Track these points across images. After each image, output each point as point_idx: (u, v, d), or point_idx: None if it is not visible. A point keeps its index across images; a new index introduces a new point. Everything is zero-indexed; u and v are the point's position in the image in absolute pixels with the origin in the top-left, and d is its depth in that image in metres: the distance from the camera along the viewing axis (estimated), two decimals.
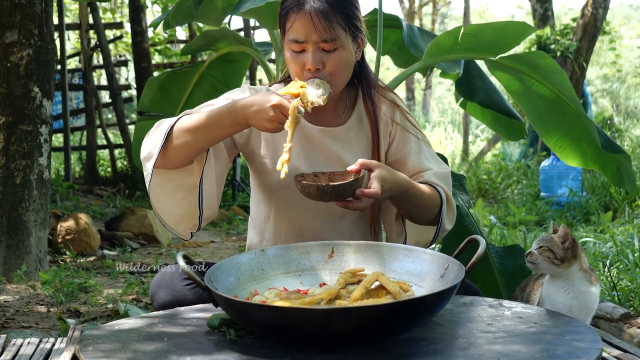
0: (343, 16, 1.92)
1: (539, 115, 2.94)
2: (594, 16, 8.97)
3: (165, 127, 1.90)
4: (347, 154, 2.06)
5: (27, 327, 3.00)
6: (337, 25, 1.91)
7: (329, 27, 1.89)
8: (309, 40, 1.90)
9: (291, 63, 1.96)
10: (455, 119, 15.37)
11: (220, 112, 1.85)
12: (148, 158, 1.93)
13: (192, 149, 1.89)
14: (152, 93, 3.74)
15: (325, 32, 1.89)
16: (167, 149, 1.89)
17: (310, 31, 1.89)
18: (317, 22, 1.88)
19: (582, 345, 1.38)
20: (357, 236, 2.12)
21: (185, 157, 1.92)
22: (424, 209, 2.01)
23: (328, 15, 1.89)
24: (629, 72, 19.05)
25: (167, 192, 1.98)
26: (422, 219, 2.05)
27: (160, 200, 1.99)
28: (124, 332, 1.52)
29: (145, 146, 1.95)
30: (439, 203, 2.02)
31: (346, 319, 1.33)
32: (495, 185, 8.52)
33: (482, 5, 30.30)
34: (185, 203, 1.98)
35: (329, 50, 1.92)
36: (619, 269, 3.52)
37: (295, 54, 1.94)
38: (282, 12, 1.96)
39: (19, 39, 3.88)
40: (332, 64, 1.93)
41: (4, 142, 3.89)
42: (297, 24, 1.90)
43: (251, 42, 3.58)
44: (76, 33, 11.21)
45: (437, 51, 2.93)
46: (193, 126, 1.87)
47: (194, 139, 1.87)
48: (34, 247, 3.95)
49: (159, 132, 1.92)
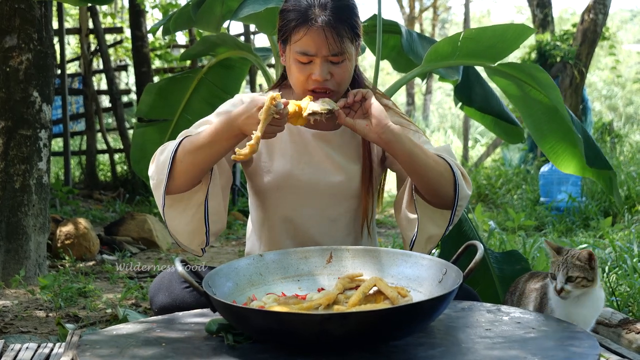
0: (350, 29, 1.93)
1: (536, 121, 2.95)
2: (594, 22, 8.99)
3: (168, 153, 1.91)
4: (340, 157, 2.07)
5: (25, 332, 3.00)
6: (346, 39, 1.92)
7: (339, 42, 1.90)
8: (318, 54, 1.91)
9: (296, 72, 1.96)
10: (455, 124, 15.40)
11: (216, 128, 1.86)
12: (158, 185, 1.94)
13: (198, 170, 1.91)
14: (150, 99, 3.74)
15: (335, 47, 1.90)
16: (173, 173, 1.90)
17: (322, 46, 1.90)
18: (329, 37, 1.89)
19: (580, 351, 1.38)
20: (351, 238, 2.12)
21: (193, 178, 1.93)
22: (435, 172, 1.91)
23: (338, 30, 1.90)
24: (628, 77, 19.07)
25: (179, 212, 1.99)
26: (437, 188, 1.93)
27: (174, 221, 2.00)
28: (122, 337, 1.52)
29: (153, 174, 1.96)
30: (450, 169, 1.94)
31: (344, 324, 1.33)
32: (494, 190, 8.53)
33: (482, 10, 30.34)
34: (195, 219, 1.99)
35: (337, 62, 1.93)
36: (618, 274, 3.52)
37: (302, 64, 1.94)
38: (287, 24, 1.94)
39: (19, 43, 3.88)
40: (339, 75, 1.95)
41: (4, 146, 3.89)
42: (307, 38, 1.90)
43: (250, 47, 3.58)
44: (76, 37, 11.21)
45: (436, 57, 2.93)
46: (194, 147, 1.88)
47: (197, 159, 1.88)
48: (33, 252, 3.95)
49: (163, 159, 1.93)
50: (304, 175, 2.05)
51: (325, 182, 2.06)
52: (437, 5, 19.80)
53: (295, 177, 2.05)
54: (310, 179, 2.05)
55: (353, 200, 2.09)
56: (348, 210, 2.10)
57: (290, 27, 1.93)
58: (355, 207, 2.11)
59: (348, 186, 2.07)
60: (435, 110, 20.83)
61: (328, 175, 2.06)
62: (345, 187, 2.07)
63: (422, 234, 1.99)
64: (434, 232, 2.01)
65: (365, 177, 2.08)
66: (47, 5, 4.02)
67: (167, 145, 1.97)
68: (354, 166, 2.08)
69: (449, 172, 1.93)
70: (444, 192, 1.94)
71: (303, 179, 2.05)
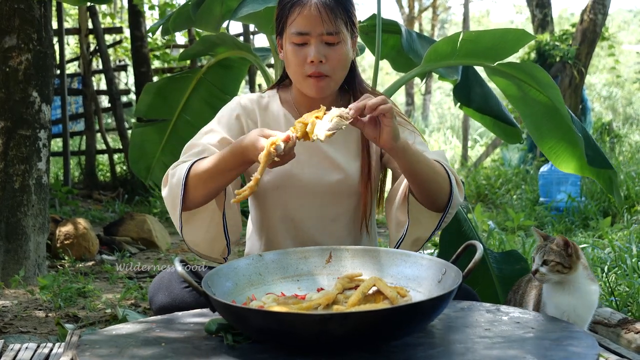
0: (345, 11, 1.96)
1: (535, 121, 2.95)
2: (593, 22, 8.99)
3: (180, 178, 1.92)
4: (339, 155, 2.08)
5: (25, 332, 3.00)
6: (340, 20, 1.95)
7: (334, 20, 1.93)
8: (313, 33, 1.93)
9: (292, 58, 1.97)
10: (455, 124, 15.40)
11: (224, 158, 1.87)
12: (173, 211, 1.96)
13: (212, 192, 1.93)
14: (149, 99, 3.74)
15: (330, 25, 1.92)
16: (187, 198, 1.92)
17: (316, 23, 1.92)
18: (323, 14, 1.92)
19: (579, 351, 1.38)
20: (351, 237, 2.12)
21: (208, 198, 1.95)
22: (434, 182, 1.91)
23: (333, 9, 1.93)
24: (628, 77, 19.08)
25: (196, 225, 2.00)
26: (433, 195, 1.93)
27: (192, 234, 2.01)
28: (122, 337, 1.52)
29: (167, 196, 1.98)
30: (447, 178, 1.94)
31: (343, 324, 1.33)
32: (494, 190, 8.53)
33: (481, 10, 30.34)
34: (213, 224, 2.00)
35: (332, 43, 1.95)
36: (617, 274, 3.52)
37: (297, 47, 1.95)
38: (284, 6, 1.98)
39: (18, 43, 3.88)
40: (334, 58, 1.96)
41: (3, 146, 3.89)
42: (302, 16, 1.93)
43: (250, 47, 3.58)
44: (75, 38, 11.22)
45: (436, 57, 2.93)
46: (206, 175, 1.89)
47: (209, 185, 1.90)
48: (33, 252, 3.95)
49: (175, 182, 1.94)
50: (303, 174, 2.05)
51: (324, 181, 2.06)
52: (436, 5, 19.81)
53: (295, 177, 2.05)
54: (309, 178, 2.05)
55: (353, 198, 2.10)
56: (348, 209, 2.10)
57: (286, 11, 1.97)
58: (355, 205, 2.11)
59: (347, 184, 2.07)
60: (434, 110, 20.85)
61: (327, 173, 2.06)
62: (344, 185, 2.07)
63: (410, 235, 2.01)
64: (421, 235, 2.02)
65: (365, 174, 2.08)
66: (46, 6, 4.02)
67: (177, 167, 1.97)
68: (354, 163, 2.08)
69: (446, 181, 1.94)
70: (439, 198, 1.95)
71: (303, 179, 2.05)
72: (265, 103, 2.13)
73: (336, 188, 2.07)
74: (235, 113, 2.10)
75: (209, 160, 1.90)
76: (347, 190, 2.08)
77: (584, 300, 1.97)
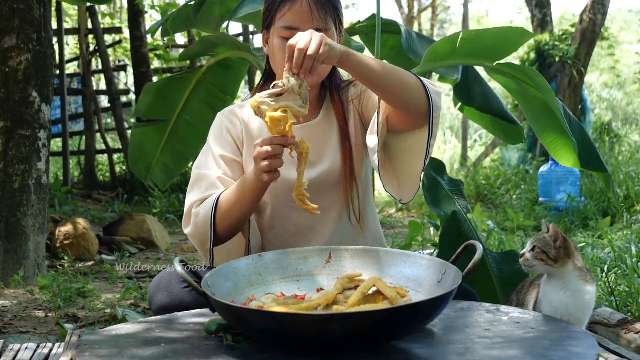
0: (334, 9, 2.00)
1: (537, 115, 2.97)
2: (593, 22, 9.00)
3: (207, 217, 1.97)
4: (323, 146, 2.11)
5: (25, 332, 3.00)
6: (330, 17, 1.98)
7: (324, 16, 1.96)
8: (302, 28, 1.92)
9: (278, 53, 1.99)
10: (454, 124, 15.38)
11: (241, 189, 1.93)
12: (203, 245, 2.03)
13: (241, 221, 1.99)
14: (149, 99, 3.74)
15: (320, 21, 1.96)
16: (217, 231, 1.99)
17: (307, 19, 1.95)
18: (314, 10, 1.95)
19: (579, 351, 1.38)
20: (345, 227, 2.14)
21: (239, 226, 2.02)
22: (395, 74, 1.88)
23: (324, 5, 1.97)
24: (628, 77, 19.08)
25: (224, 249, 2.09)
26: (407, 91, 1.89)
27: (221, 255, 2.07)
28: (121, 338, 1.52)
29: (194, 235, 2.03)
30: (412, 75, 1.91)
31: (343, 324, 1.33)
32: (493, 190, 8.53)
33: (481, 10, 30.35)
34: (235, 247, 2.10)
35: None
36: (617, 274, 3.52)
37: (285, 42, 1.94)
38: (272, 4, 2.00)
39: (18, 43, 3.88)
40: None
41: (3, 146, 3.89)
42: (292, 11, 1.96)
43: (249, 47, 3.58)
44: (75, 38, 11.20)
45: (436, 57, 2.93)
46: (230, 209, 1.95)
47: (236, 215, 1.96)
48: (32, 252, 3.95)
49: (202, 222, 1.99)
50: (290, 174, 2.03)
51: (312, 175, 2.06)
52: (436, 5, 19.80)
53: (283, 176, 2.04)
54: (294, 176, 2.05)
55: (339, 187, 2.12)
56: (337, 200, 2.12)
57: (276, 5, 1.99)
58: (344, 195, 2.13)
59: (332, 174, 2.10)
60: None
61: (313, 167, 2.08)
62: (329, 175, 2.10)
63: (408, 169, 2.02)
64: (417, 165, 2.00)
65: (346, 164, 2.10)
66: (46, 6, 4.02)
67: (200, 206, 2.01)
68: (336, 153, 2.11)
69: (416, 82, 1.90)
70: (414, 99, 1.90)
71: (291, 178, 2.02)
72: (247, 115, 2.15)
73: (323, 179, 2.09)
74: (224, 128, 2.14)
75: (230, 194, 1.96)
76: (333, 180, 2.11)
77: (577, 299, 1.95)
